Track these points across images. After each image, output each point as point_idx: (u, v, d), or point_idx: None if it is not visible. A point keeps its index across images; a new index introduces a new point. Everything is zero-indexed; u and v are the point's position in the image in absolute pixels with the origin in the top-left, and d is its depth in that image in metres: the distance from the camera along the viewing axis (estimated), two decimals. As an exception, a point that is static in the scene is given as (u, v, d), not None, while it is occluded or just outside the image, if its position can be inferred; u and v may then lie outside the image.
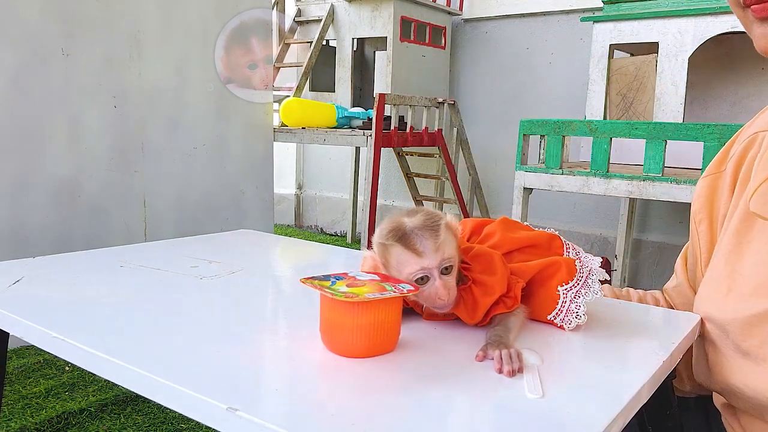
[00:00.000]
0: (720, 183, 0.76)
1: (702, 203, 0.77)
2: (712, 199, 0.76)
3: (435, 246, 0.60)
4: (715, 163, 0.78)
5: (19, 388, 1.55)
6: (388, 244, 0.61)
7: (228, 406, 0.44)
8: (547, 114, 2.92)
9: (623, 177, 1.85)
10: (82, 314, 0.67)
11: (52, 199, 1.90)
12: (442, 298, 0.60)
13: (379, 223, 0.65)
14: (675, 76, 2.10)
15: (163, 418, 1.44)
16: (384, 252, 0.62)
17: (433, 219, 0.61)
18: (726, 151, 0.77)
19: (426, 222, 0.61)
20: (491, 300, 0.62)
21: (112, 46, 2.01)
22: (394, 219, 0.63)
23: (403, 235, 0.60)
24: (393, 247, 0.61)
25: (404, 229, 0.61)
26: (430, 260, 0.59)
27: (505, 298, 0.63)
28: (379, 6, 2.83)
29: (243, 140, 2.51)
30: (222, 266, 0.88)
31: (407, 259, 0.60)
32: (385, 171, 3.38)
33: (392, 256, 0.61)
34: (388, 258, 0.61)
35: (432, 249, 0.59)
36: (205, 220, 2.37)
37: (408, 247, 0.60)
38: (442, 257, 0.60)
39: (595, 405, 0.48)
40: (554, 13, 2.96)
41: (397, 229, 0.61)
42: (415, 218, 0.61)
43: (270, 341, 0.62)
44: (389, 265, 0.62)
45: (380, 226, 0.63)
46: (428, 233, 0.60)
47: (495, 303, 0.62)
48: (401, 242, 0.60)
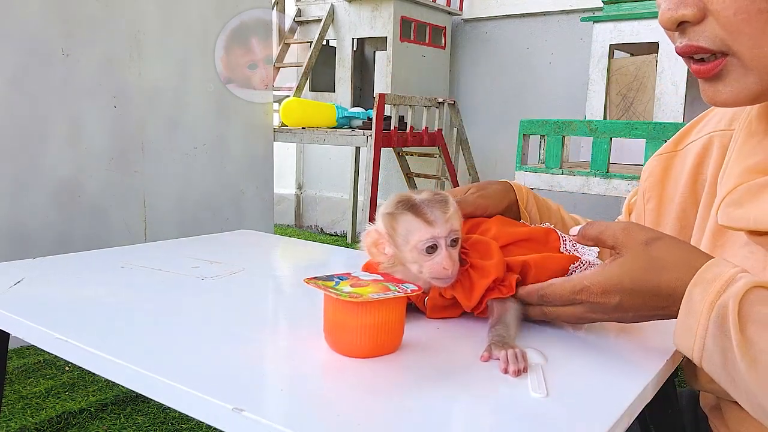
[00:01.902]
0: (675, 162, 0.76)
1: (653, 182, 0.78)
2: (664, 180, 0.77)
3: (445, 217, 0.62)
4: (672, 143, 0.78)
5: (19, 388, 1.55)
6: (397, 213, 0.62)
7: (234, 407, 0.44)
8: (547, 114, 2.92)
9: (623, 177, 1.85)
10: (83, 315, 0.67)
11: (52, 199, 1.90)
12: (447, 267, 0.61)
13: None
14: (675, 76, 2.10)
15: (163, 418, 1.43)
16: (391, 222, 0.63)
17: (441, 194, 0.64)
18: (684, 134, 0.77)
19: (434, 197, 0.64)
20: (487, 282, 0.63)
21: (112, 46, 2.01)
22: (400, 194, 0.65)
23: (413, 205, 0.62)
24: (402, 216, 0.62)
25: (414, 201, 0.63)
26: (440, 229, 0.61)
27: (500, 285, 0.63)
28: (379, 6, 2.83)
29: (243, 140, 2.50)
30: (223, 267, 0.88)
31: (418, 227, 0.61)
32: (385, 171, 3.38)
33: (401, 225, 0.62)
34: (395, 227, 0.63)
35: (442, 219, 0.62)
36: (205, 220, 2.37)
37: (419, 216, 0.62)
38: (451, 228, 0.62)
39: (599, 404, 0.48)
40: (554, 13, 2.96)
41: (407, 201, 0.63)
42: (422, 194, 0.64)
43: (272, 341, 0.62)
44: (396, 234, 0.62)
45: (386, 201, 0.65)
46: (438, 204, 0.62)
47: (491, 289, 0.63)
48: (412, 211, 0.62)
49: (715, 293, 0.51)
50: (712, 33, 0.53)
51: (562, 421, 0.46)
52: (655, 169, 0.79)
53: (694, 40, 0.55)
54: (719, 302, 0.51)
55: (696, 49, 0.55)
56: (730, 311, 0.50)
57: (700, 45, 0.55)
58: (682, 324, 0.53)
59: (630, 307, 0.57)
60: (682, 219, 0.75)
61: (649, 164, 0.80)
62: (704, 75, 0.56)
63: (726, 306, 0.50)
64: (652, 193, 0.78)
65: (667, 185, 0.77)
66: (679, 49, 0.57)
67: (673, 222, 0.76)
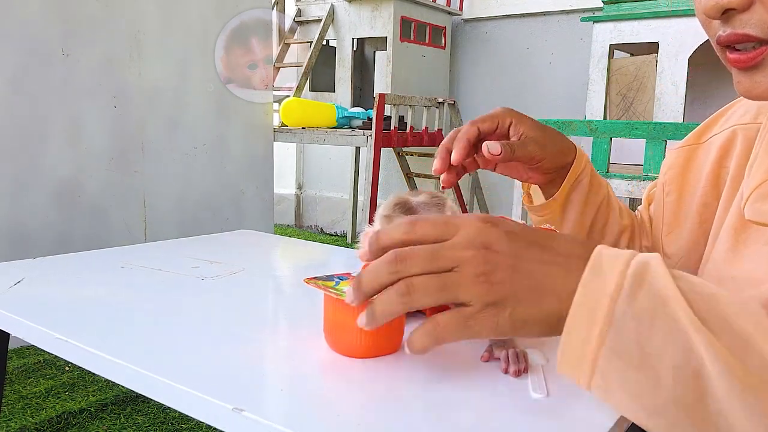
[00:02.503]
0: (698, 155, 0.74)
1: (674, 174, 0.75)
2: (685, 171, 0.75)
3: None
4: (694, 135, 0.76)
5: (19, 388, 1.55)
6: (393, 216, 0.63)
7: (234, 407, 0.44)
8: (547, 114, 2.92)
9: (623, 177, 1.85)
10: (83, 315, 0.67)
11: (52, 199, 1.90)
12: None
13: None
14: (675, 76, 2.10)
15: (163, 418, 1.43)
16: (388, 224, 0.63)
17: (438, 196, 0.64)
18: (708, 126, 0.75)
19: (431, 199, 0.63)
20: None
21: (112, 46, 2.01)
22: (398, 195, 0.65)
23: (409, 208, 0.62)
24: (398, 219, 0.62)
25: (410, 204, 0.63)
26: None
27: None
28: (379, 6, 2.83)
29: (243, 140, 2.50)
30: (223, 267, 0.88)
31: None
32: (385, 171, 3.38)
33: None
34: None
35: None
36: (205, 220, 2.37)
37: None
38: None
39: (599, 404, 0.48)
40: (554, 13, 2.96)
41: (404, 203, 0.63)
42: (419, 196, 0.64)
43: (272, 341, 0.62)
44: None
45: (385, 202, 0.65)
46: (434, 207, 0.62)
47: None
48: (407, 214, 0.62)
49: (625, 258, 0.41)
50: (760, 20, 0.50)
51: (563, 422, 0.46)
52: (676, 162, 0.75)
53: (740, 28, 0.52)
54: (635, 260, 0.41)
55: (742, 37, 0.52)
56: (655, 266, 0.40)
57: (747, 33, 0.51)
58: (586, 285, 0.41)
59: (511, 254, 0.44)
60: (703, 213, 0.72)
61: (670, 156, 0.77)
62: (744, 65, 0.53)
63: (647, 263, 0.41)
64: (672, 186, 0.75)
65: (689, 178, 0.74)
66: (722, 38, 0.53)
67: (693, 216, 0.73)
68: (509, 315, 0.43)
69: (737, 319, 0.38)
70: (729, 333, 0.38)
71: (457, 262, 0.43)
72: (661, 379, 0.38)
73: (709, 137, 0.74)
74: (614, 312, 0.39)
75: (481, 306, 0.43)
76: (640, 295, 0.39)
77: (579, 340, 0.41)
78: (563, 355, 0.42)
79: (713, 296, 0.40)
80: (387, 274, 0.44)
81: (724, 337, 0.37)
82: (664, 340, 0.38)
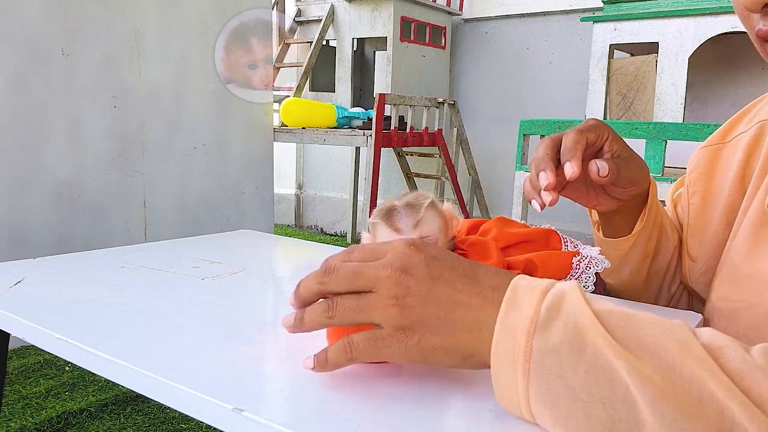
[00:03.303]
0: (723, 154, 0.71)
1: (699, 174, 0.73)
2: (711, 172, 0.72)
3: (413, 223, 0.62)
4: (719, 134, 0.73)
5: (19, 388, 1.55)
6: (375, 222, 0.64)
7: (234, 407, 0.44)
8: (547, 114, 2.92)
9: (624, 177, 1.85)
10: (83, 315, 0.67)
11: (52, 200, 1.90)
12: None
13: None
14: (675, 76, 2.10)
15: (163, 418, 1.43)
16: (373, 230, 0.65)
17: (419, 198, 0.64)
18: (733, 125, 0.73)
19: (411, 201, 0.64)
20: None
21: (112, 46, 2.01)
22: (388, 199, 0.66)
23: (386, 212, 0.63)
24: (378, 225, 0.64)
25: (391, 208, 0.64)
26: (407, 236, 0.62)
27: None
28: (379, 6, 2.83)
29: (243, 140, 2.51)
30: (223, 267, 0.88)
31: (389, 235, 0.62)
32: (385, 171, 3.38)
33: (378, 233, 0.64)
34: (375, 236, 0.65)
35: (410, 226, 0.62)
36: (205, 220, 2.37)
37: (389, 225, 0.63)
38: (420, 234, 0.62)
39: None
40: (554, 13, 2.96)
41: (386, 209, 0.64)
42: (404, 198, 0.65)
43: (272, 342, 0.62)
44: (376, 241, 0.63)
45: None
46: (409, 211, 0.63)
47: None
48: (384, 219, 0.63)
49: (541, 290, 0.40)
50: None
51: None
52: (701, 162, 0.73)
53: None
54: (552, 291, 0.40)
55: None
56: (570, 294, 0.39)
57: None
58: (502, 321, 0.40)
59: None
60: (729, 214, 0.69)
61: (695, 156, 0.75)
62: None
63: (563, 292, 0.39)
64: (697, 187, 0.73)
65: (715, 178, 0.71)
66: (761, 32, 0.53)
67: (719, 217, 0.70)
68: (417, 341, 0.42)
69: (662, 342, 0.36)
70: (653, 356, 0.36)
71: (374, 283, 0.43)
72: (592, 412, 0.36)
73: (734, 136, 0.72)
74: (532, 348, 0.38)
75: (391, 329, 0.43)
76: (556, 327, 0.37)
77: (508, 380, 0.40)
78: (499, 395, 0.41)
79: (634, 318, 0.38)
80: (317, 284, 0.47)
81: (648, 359, 0.35)
82: (586, 371, 0.36)
